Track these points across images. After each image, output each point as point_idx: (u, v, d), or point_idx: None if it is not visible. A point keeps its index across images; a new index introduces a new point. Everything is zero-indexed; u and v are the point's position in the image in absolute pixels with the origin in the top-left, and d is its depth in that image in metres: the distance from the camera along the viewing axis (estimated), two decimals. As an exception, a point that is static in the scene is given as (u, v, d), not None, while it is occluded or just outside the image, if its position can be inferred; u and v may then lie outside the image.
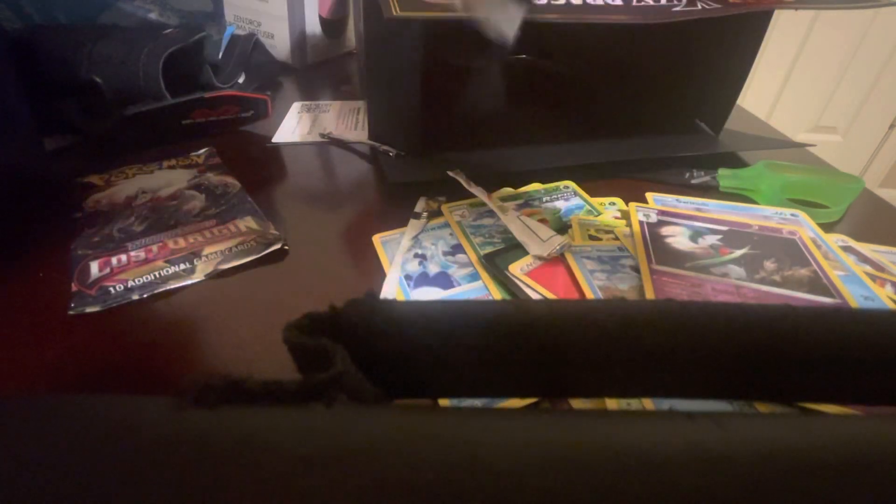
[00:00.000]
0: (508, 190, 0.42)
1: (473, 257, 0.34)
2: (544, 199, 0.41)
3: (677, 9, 0.35)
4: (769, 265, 0.33)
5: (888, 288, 0.32)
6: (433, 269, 0.33)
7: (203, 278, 0.32)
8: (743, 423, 0.12)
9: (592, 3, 0.35)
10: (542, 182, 0.43)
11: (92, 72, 0.44)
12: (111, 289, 0.30)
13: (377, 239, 0.36)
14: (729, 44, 0.47)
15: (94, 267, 0.32)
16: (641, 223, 0.37)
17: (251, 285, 0.32)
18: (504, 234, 0.36)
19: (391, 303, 0.16)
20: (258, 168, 0.45)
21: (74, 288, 0.31)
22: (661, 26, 0.36)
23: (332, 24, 0.69)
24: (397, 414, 0.12)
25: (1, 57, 0.37)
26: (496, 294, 0.31)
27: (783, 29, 1.29)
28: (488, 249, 0.35)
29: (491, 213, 0.38)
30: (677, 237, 0.35)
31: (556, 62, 0.68)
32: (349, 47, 0.75)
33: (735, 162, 0.48)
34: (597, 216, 0.39)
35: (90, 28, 0.48)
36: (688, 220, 0.37)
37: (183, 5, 0.53)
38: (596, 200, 0.41)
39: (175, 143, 0.47)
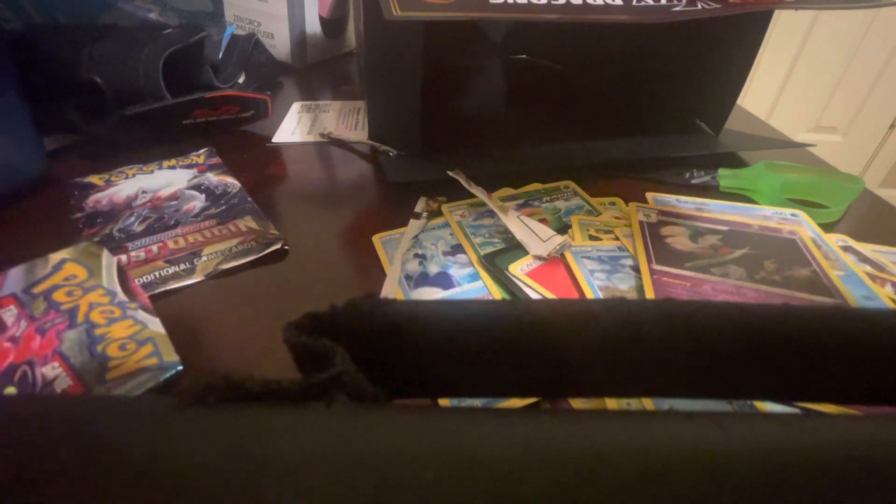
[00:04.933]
0: (508, 190, 0.42)
1: (473, 257, 0.34)
2: (544, 199, 0.41)
3: (677, 9, 0.35)
4: (769, 265, 0.33)
5: (888, 288, 0.32)
6: (433, 269, 0.33)
7: (203, 278, 0.32)
8: (743, 423, 0.12)
9: (592, 2, 0.35)
10: (542, 182, 0.43)
11: (92, 72, 0.44)
12: (111, 289, 0.30)
13: (377, 239, 0.36)
14: (729, 44, 0.47)
15: (94, 267, 0.32)
16: (641, 223, 0.37)
17: (251, 285, 0.32)
18: (504, 234, 0.36)
19: (391, 303, 0.16)
20: (258, 168, 0.45)
21: (74, 288, 0.31)
22: (661, 26, 0.36)
23: (332, 24, 0.69)
24: (397, 414, 0.12)
25: (1, 57, 0.37)
26: (496, 294, 0.31)
27: (783, 29, 1.29)
28: (488, 249, 0.35)
29: (491, 213, 0.38)
30: (677, 237, 0.35)
31: (557, 62, 0.68)
32: (349, 47, 0.75)
33: (735, 162, 0.48)
34: (597, 216, 0.39)
35: (90, 28, 0.48)
36: (688, 220, 0.37)
37: (183, 5, 0.53)
38: (596, 200, 0.41)
39: (175, 143, 0.47)
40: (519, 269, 0.32)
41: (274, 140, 0.50)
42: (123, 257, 0.33)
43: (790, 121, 1.42)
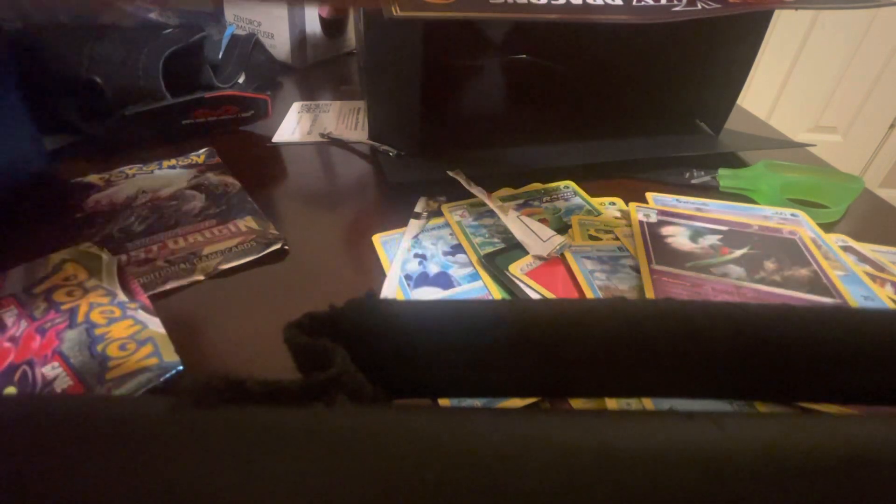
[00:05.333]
0: (508, 190, 0.42)
1: (473, 257, 0.34)
2: (544, 199, 0.41)
3: (677, 8, 0.35)
4: (769, 265, 0.33)
5: (888, 288, 0.32)
6: (433, 269, 0.33)
7: (203, 278, 0.32)
8: (743, 423, 0.12)
9: (592, 2, 0.35)
10: (542, 182, 0.43)
11: (92, 72, 0.44)
12: (111, 289, 0.30)
13: (377, 239, 0.36)
14: (729, 44, 0.47)
15: (94, 267, 0.32)
16: (641, 223, 0.37)
17: (251, 285, 0.32)
18: (504, 234, 0.36)
19: (391, 303, 0.16)
20: (258, 168, 0.45)
21: (74, 288, 0.31)
22: (661, 26, 0.36)
23: (332, 24, 0.69)
24: (397, 414, 0.12)
25: (1, 57, 0.37)
26: (496, 294, 0.31)
27: (783, 29, 1.29)
28: (488, 249, 0.35)
29: (491, 213, 0.38)
30: (677, 237, 0.35)
31: (556, 62, 0.68)
32: (349, 47, 0.75)
33: (735, 162, 0.48)
34: (597, 216, 0.39)
35: (90, 28, 0.48)
36: (688, 220, 0.37)
37: (183, 5, 0.53)
38: (596, 200, 0.41)
39: (175, 143, 0.47)
40: (519, 269, 0.32)
41: (274, 140, 0.50)
42: (123, 257, 0.33)
43: (790, 121, 1.42)
